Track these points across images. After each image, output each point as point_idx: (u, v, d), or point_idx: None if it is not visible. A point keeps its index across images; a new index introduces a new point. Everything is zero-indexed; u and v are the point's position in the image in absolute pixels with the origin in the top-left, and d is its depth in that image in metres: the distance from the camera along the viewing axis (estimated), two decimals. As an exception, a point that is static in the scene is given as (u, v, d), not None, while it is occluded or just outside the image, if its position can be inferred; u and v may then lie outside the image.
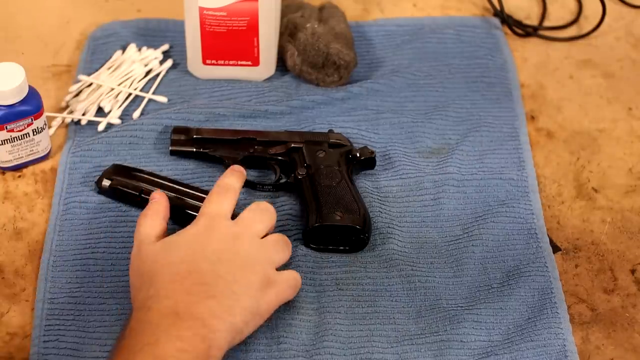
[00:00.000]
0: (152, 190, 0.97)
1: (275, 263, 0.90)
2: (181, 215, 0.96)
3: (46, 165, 1.04)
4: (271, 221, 0.92)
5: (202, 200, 0.96)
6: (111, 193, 0.99)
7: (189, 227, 0.90)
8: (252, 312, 0.85)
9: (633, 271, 0.98)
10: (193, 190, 0.99)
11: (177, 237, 0.89)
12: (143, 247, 0.89)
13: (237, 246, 0.88)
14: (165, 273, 0.85)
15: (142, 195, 0.98)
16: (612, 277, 0.97)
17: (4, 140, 1.00)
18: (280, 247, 0.91)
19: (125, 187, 0.99)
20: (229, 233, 0.89)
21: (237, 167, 0.97)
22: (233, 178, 0.95)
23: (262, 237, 0.91)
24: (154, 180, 1.00)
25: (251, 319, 0.85)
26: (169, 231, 0.91)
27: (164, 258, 0.87)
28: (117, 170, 1.00)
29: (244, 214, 0.92)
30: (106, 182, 0.99)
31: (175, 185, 0.99)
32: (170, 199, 0.96)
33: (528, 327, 0.91)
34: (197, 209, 0.95)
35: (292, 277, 0.90)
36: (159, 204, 0.93)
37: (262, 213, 0.92)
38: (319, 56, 1.10)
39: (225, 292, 0.84)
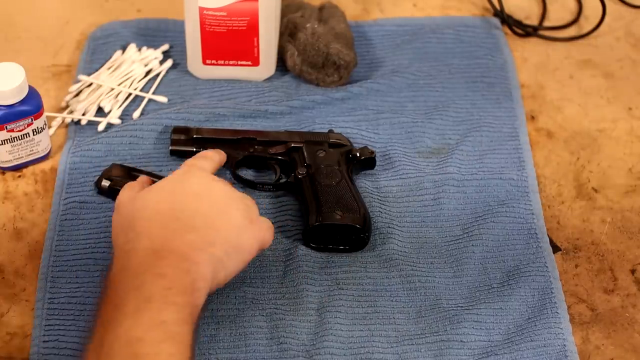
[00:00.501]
0: None
1: (255, 213, 0.90)
2: None
3: (46, 165, 1.04)
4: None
5: None
6: (111, 193, 0.99)
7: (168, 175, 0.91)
8: (233, 244, 0.85)
9: (633, 271, 0.98)
10: None
11: (156, 184, 0.89)
12: (122, 203, 0.89)
13: (218, 186, 0.89)
14: (144, 215, 0.85)
15: None
16: (612, 277, 0.97)
17: (4, 140, 1.00)
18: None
19: None
20: (208, 177, 0.90)
21: (219, 150, 0.99)
22: (213, 152, 0.97)
23: None
24: (153, 180, 0.99)
25: (232, 251, 0.84)
26: None
27: (142, 202, 0.86)
28: (117, 171, 1.00)
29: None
30: (105, 183, 0.99)
31: None
32: None
33: (528, 327, 0.91)
34: None
35: (268, 222, 0.91)
36: (142, 181, 0.94)
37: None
38: (319, 56, 1.10)
39: (205, 225, 0.84)
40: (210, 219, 0.85)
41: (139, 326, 0.75)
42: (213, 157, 0.95)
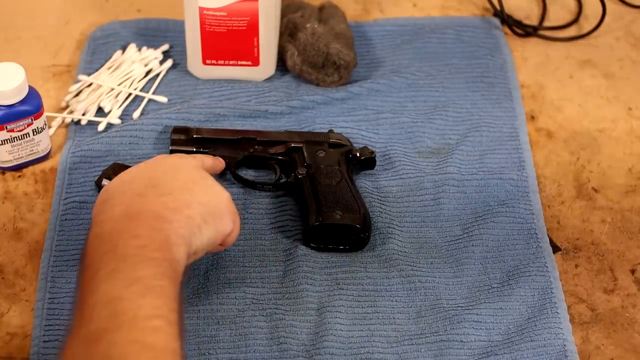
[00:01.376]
0: None
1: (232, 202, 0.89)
2: None
3: (46, 165, 1.04)
4: None
5: None
6: None
7: None
8: (210, 209, 0.83)
9: (633, 271, 0.98)
10: None
11: (134, 166, 0.89)
12: (102, 190, 0.88)
13: (193, 162, 0.89)
14: (119, 189, 0.84)
15: None
16: (612, 277, 0.97)
17: (4, 140, 1.00)
18: None
19: None
20: (185, 156, 0.90)
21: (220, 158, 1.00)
22: (212, 157, 0.98)
23: None
24: None
25: (209, 217, 0.83)
26: None
27: (118, 179, 0.86)
28: (117, 170, 1.00)
29: None
30: (106, 182, 0.99)
31: None
32: None
33: (528, 327, 0.91)
34: None
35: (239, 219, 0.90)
36: None
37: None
38: (319, 56, 1.10)
39: (181, 189, 0.83)
40: (187, 185, 0.84)
41: (116, 285, 0.73)
42: (203, 157, 0.95)
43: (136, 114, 1.08)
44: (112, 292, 0.73)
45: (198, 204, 0.83)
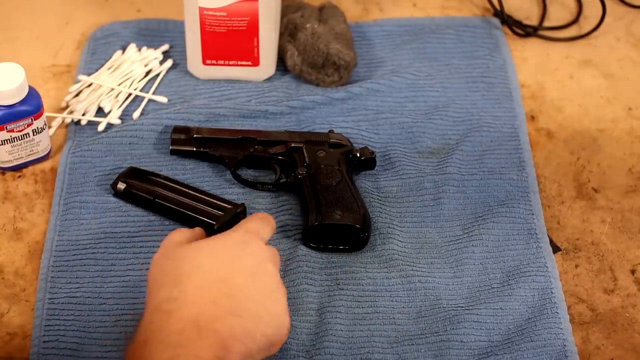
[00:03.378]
0: (167, 195, 0.98)
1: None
2: (194, 222, 0.96)
3: (46, 165, 1.04)
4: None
5: (217, 207, 0.96)
6: (126, 196, 0.99)
7: (223, 234, 0.85)
8: (268, 342, 0.81)
9: (633, 271, 0.98)
10: (208, 196, 0.99)
11: (211, 242, 0.84)
12: (171, 246, 0.84)
13: (270, 269, 0.84)
14: (194, 276, 0.80)
15: (157, 200, 0.98)
16: (612, 277, 0.97)
17: (4, 141, 1.00)
18: None
19: (140, 191, 0.99)
20: (265, 253, 0.84)
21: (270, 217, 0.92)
22: (270, 217, 0.91)
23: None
24: (169, 185, 0.99)
25: (265, 349, 0.81)
26: None
27: (194, 259, 0.82)
28: (133, 174, 1.00)
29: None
30: (121, 185, 0.99)
31: (190, 191, 0.99)
32: (184, 204, 0.97)
33: (528, 327, 0.91)
34: (210, 215, 0.96)
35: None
36: (196, 232, 0.89)
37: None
38: (319, 56, 1.10)
39: (251, 313, 0.80)
40: (257, 308, 0.80)
41: None
42: (272, 224, 0.90)
43: (136, 114, 1.08)
44: None
45: (261, 336, 0.80)
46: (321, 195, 0.97)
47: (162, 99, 1.10)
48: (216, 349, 0.76)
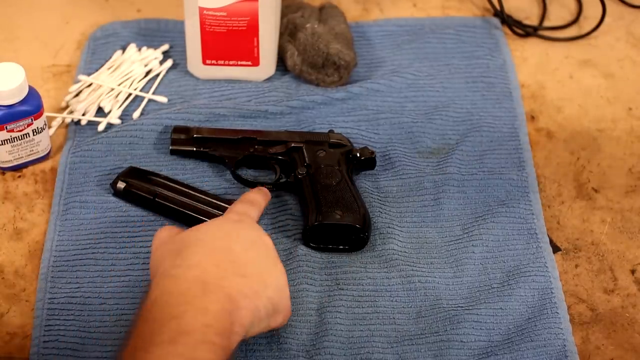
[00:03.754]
0: (167, 195, 0.98)
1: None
2: (194, 222, 0.96)
3: (46, 165, 1.04)
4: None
5: (217, 206, 0.97)
6: (125, 195, 0.99)
7: (217, 218, 0.89)
8: (274, 306, 0.83)
9: (633, 271, 0.98)
10: (208, 196, 0.99)
11: (208, 223, 0.88)
12: (163, 239, 0.87)
13: (267, 241, 0.87)
14: (198, 247, 0.83)
15: (157, 200, 0.98)
16: (612, 277, 0.97)
17: (4, 141, 1.00)
18: None
19: (140, 191, 0.99)
20: (260, 230, 0.88)
21: (263, 188, 0.97)
22: (259, 195, 0.95)
23: None
24: (169, 184, 0.99)
25: (271, 312, 0.83)
26: None
27: (197, 235, 0.85)
28: (133, 173, 1.00)
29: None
30: (121, 184, 0.99)
31: (190, 191, 0.99)
32: (184, 203, 0.97)
33: (528, 327, 0.91)
34: (211, 215, 0.96)
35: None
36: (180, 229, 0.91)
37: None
38: (319, 56, 1.10)
39: (254, 276, 0.82)
40: (260, 271, 0.83)
41: (171, 357, 0.73)
42: (260, 203, 0.93)
43: (136, 114, 1.08)
44: None
45: (266, 298, 0.82)
46: (321, 195, 0.97)
47: (162, 99, 1.10)
48: (224, 303, 0.78)
